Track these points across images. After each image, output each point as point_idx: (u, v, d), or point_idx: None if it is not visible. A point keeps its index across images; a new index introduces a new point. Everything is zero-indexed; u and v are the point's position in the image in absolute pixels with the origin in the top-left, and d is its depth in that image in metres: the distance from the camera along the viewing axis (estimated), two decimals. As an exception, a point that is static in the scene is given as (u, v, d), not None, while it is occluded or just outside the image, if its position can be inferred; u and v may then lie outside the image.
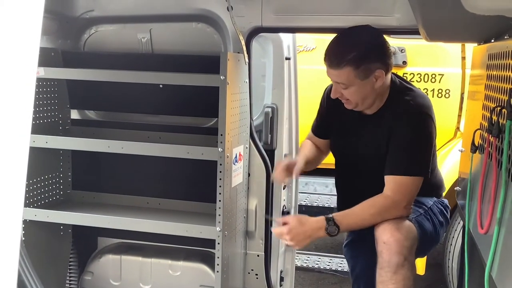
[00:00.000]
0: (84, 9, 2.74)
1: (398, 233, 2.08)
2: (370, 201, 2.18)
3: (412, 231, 2.14)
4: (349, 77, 2.14)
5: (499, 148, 1.42)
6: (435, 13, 1.65)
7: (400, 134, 2.19)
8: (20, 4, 0.74)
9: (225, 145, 2.29)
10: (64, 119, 2.82)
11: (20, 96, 0.72)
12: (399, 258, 2.06)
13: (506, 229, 1.26)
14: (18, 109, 0.72)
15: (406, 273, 2.08)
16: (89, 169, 2.89)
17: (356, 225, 2.22)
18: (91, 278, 2.89)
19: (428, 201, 2.38)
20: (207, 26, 2.66)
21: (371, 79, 2.16)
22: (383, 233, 2.10)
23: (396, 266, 2.06)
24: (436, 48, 4.00)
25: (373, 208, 2.16)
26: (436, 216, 2.37)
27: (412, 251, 2.12)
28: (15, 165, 0.72)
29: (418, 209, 2.30)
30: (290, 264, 3.10)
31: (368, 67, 2.14)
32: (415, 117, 2.19)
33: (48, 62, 2.62)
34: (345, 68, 2.12)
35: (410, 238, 2.10)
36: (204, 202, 2.70)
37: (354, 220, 2.19)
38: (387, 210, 2.14)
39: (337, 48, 2.17)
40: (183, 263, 2.78)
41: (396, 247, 2.06)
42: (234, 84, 2.38)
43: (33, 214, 2.55)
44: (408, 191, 2.18)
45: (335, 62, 2.14)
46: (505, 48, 1.52)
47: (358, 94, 2.20)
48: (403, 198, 2.17)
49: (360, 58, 2.12)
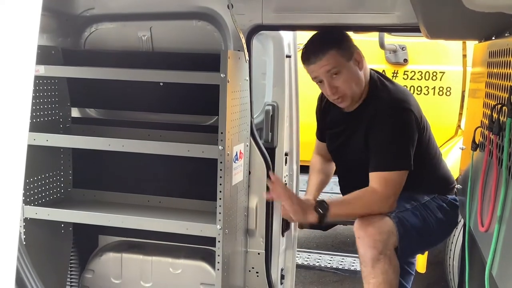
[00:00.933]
0: (85, 7, 2.74)
1: (371, 228, 2.12)
2: (359, 193, 2.22)
3: (386, 225, 2.15)
4: (337, 58, 2.21)
5: (499, 146, 1.41)
6: (435, 11, 1.65)
7: (378, 130, 2.22)
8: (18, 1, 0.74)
9: (225, 143, 2.28)
10: (65, 117, 2.82)
11: (18, 94, 0.72)
12: (372, 252, 2.11)
13: (506, 227, 1.26)
14: (15, 107, 0.72)
15: (383, 266, 2.11)
16: (90, 167, 2.89)
17: (344, 214, 2.30)
18: (92, 276, 2.89)
19: (424, 197, 2.37)
20: (207, 24, 2.66)
21: (353, 63, 2.23)
22: (357, 229, 2.16)
23: (371, 260, 2.11)
24: (437, 46, 3.99)
25: (361, 200, 2.21)
26: (432, 212, 2.34)
27: (388, 245, 2.13)
28: (12, 163, 0.72)
29: (405, 205, 2.29)
30: (291, 262, 3.10)
31: (348, 46, 2.24)
32: (392, 112, 2.22)
33: (49, 60, 2.61)
34: (330, 51, 2.20)
35: (383, 233, 2.13)
36: (204, 200, 2.70)
37: (342, 208, 2.25)
38: (375, 203, 2.18)
39: (314, 43, 2.28)
40: (184, 261, 2.78)
41: (368, 241, 2.11)
42: (235, 82, 2.37)
43: (34, 212, 2.55)
44: (394, 185, 2.20)
45: (318, 52, 2.22)
46: (505, 45, 1.51)
47: (351, 78, 2.25)
48: (390, 192, 2.20)
49: (338, 39, 2.24)
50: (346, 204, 2.27)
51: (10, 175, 0.72)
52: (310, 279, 4.14)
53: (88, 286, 2.90)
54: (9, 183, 0.72)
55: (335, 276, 4.09)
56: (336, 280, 4.09)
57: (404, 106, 2.23)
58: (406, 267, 2.59)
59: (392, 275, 2.13)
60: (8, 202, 0.72)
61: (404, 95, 2.30)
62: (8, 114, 0.72)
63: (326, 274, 4.08)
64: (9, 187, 0.72)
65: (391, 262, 2.13)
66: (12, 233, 0.73)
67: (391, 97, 2.26)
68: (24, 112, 0.75)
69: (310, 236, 4.87)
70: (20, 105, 0.74)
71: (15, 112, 0.73)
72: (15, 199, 0.73)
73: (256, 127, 2.76)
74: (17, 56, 0.73)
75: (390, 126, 2.21)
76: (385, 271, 2.11)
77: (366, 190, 2.21)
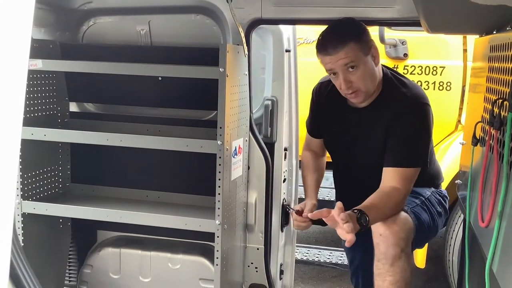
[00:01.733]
0: (83, 1, 2.72)
1: (394, 225, 2.08)
2: (385, 195, 2.14)
3: (408, 222, 2.13)
4: (355, 52, 2.13)
5: (500, 141, 1.40)
6: (436, 4, 1.63)
7: (402, 126, 2.19)
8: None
9: (224, 138, 2.27)
10: (63, 111, 2.81)
11: (11, 88, 0.71)
12: (395, 250, 2.06)
13: (507, 222, 1.25)
14: (8, 101, 0.71)
15: (403, 264, 2.08)
16: (88, 162, 2.88)
17: (379, 218, 2.11)
18: (90, 271, 2.89)
19: (425, 191, 2.38)
20: (206, 18, 2.64)
21: (371, 58, 2.19)
22: (380, 226, 2.09)
23: (393, 258, 2.06)
24: (437, 41, 3.97)
25: (390, 201, 2.13)
26: (434, 206, 2.37)
27: (409, 242, 2.11)
28: (6, 158, 0.70)
29: (415, 200, 2.29)
30: (290, 257, 3.10)
31: (367, 40, 2.19)
32: (416, 109, 2.21)
33: (47, 54, 2.60)
34: (349, 44, 2.12)
35: (406, 230, 2.10)
36: (203, 195, 2.69)
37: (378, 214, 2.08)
38: (401, 202, 2.17)
39: (333, 33, 2.18)
40: (183, 256, 2.77)
41: (392, 239, 2.06)
42: (234, 77, 2.36)
43: (32, 207, 2.54)
44: (411, 181, 2.20)
45: (337, 43, 2.12)
46: (507, 39, 1.50)
47: (367, 74, 2.18)
48: (409, 189, 2.20)
49: (359, 32, 2.18)
50: (380, 209, 2.11)
51: (3, 169, 0.71)
52: (309, 274, 4.14)
53: (87, 281, 2.89)
54: (2, 177, 0.71)
55: (334, 271, 4.09)
56: (336, 275, 4.09)
57: (424, 101, 2.23)
58: None
59: (409, 273, 2.11)
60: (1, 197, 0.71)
61: (420, 90, 2.30)
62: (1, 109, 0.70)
63: (326, 269, 4.07)
64: (2, 182, 0.71)
65: (410, 260, 2.12)
66: (5, 228, 0.72)
67: (412, 93, 2.24)
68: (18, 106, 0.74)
69: (309, 231, 4.87)
70: (13, 99, 0.72)
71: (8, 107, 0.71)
72: (8, 193, 0.72)
73: (256, 122, 2.74)
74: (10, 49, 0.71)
75: (414, 122, 2.20)
76: (404, 269, 2.08)
77: (390, 190, 2.14)
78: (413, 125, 2.20)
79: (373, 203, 2.10)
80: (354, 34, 2.15)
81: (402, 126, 2.19)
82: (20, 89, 0.74)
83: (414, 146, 2.21)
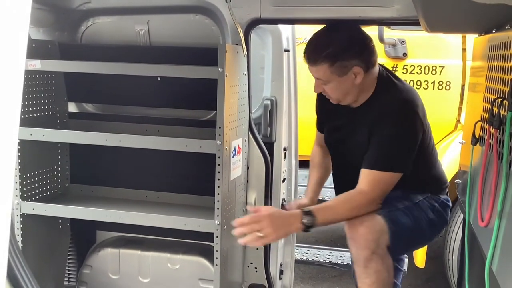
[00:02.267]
0: (81, 1, 2.72)
1: (362, 228, 2.09)
2: (347, 196, 2.18)
3: (378, 224, 2.12)
4: (326, 74, 2.15)
5: (500, 140, 1.40)
6: (435, 4, 1.63)
7: (382, 129, 2.17)
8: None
9: (223, 138, 2.27)
10: (62, 112, 2.80)
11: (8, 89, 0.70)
12: (365, 252, 2.07)
13: (506, 222, 1.25)
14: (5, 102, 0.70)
15: (376, 266, 2.08)
16: (87, 163, 2.88)
17: (333, 219, 2.19)
18: (90, 271, 2.88)
19: (417, 196, 2.31)
20: (205, 17, 2.64)
21: (349, 76, 2.15)
22: (349, 229, 2.12)
23: (364, 260, 2.08)
24: (436, 40, 3.97)
25: (349, 203, 2.16)
26: (424, 212, 2.29)
27: (380, 244, 2.10)
28: (3, 158, 0.70)
29: (397, 204, 2.24)
30: (290, 257, 3.09)
31: (344, 64, 2.13)
32: (398, 113, 2.16)
33: (45, 54, 2.59)
34: (320, 65, 2.13)
35: (375, 232, 2.09)
36: (202, 195, 2.69)
37: (330, 214, 2.16)
38: (363, 206, 2.14)
39: (314, 44, 2.18)
40: (182, 257, 2.77)
41: (360, 241, 2.08)
42: (233, 76, 2.35)
43: (31, 208, 2.54)
44: (384, 187, 2.17)
45: (311, 59, 2.16)
46: (506, 38, 1.50)
47: (338, 90, 2.21)
48: (378, 194, 2.17)
49: (334, 55, 2.12)
50: (333, 209, 2.18)
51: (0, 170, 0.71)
52: (309, 274, 4.14)
53: (86, 281, 2.89)
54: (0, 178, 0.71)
55: (334, 271, 4.08)
56: (335, 275, 4.09)
57: (411, 107, 2.18)
58: (395, 263, 2.57)
59: (385, 273, 2.11)
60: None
61: (412, 95, 2.24)
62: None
63: (325, 269, 4.07)
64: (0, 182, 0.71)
65: (383, 261, 2.10)
66: (2, 229, 0.72)
67: (399, 96, 2.21)
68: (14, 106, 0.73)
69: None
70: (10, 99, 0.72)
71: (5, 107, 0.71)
72: (4, 194, 0.71)
73: (255, 121, 2.74)
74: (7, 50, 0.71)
75: (395, 126, 2.16)
76: (378, 271, 2.09)
77: (353, 192, 2.17)
78: (392, 129, 2.15)
79: (328, 204, 2.20)
80: (327, 57, 2.11)
81: (381, 129, 2.17)
82: (17, 89, 0.74)
83: (390, 150, 2.16)
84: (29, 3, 0.78)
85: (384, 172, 2.15)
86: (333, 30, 2.20)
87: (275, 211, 2.17)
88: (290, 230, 2.16)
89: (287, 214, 2.16)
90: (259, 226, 2.04)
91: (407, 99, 2.20)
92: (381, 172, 2.15)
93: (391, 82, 2.27)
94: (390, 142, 2.16)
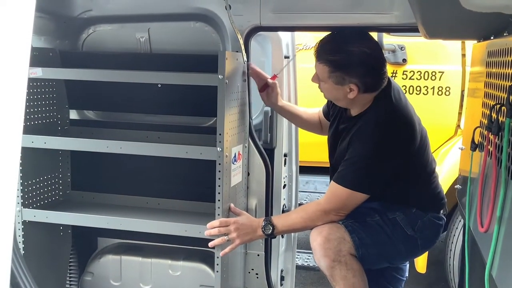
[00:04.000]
0: (82, 9, 2.73)
1: (319, 237, 2.14)
2: (304, 206, 2.32)
3: (334, 233, 2.14)
4: (324, 74, 2.19)
5: (498, 146, 1.41)
6: (434, 11, 1.64)
7: (355, 146, 2.18)
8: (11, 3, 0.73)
9: (223, 144, 2.28)
10: (63, 119, 2.81)
11: (11, 96, 0.71)
12: (325, 261, 2.12)
13: (506, 227, 1.25)
14: (8, 109, 0.71)
15: (341, 273, 2.11)
16: (88, 169, 2.88)
17: (290, 228, 2.32)
18: (91, 278, 2.88)
19: (395, 212, 2.24)
20: (205, 25, 2.65)
21: (344, 88, 2.16)
22: (311, 240, 2.19)
23: (327, 269, 2.14)
24: (436, 46, 3.99)
25: (304, 212, 2.26)
26: (402, 228, 2.23)
27: (341, 252, 2.11)
28: (6, 166, 0.71)
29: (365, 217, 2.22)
30: (291, 263, 3.09)
31: (343, 76, 2.14)
32: (371, 134, 2.14)
33: (46, 62, 2.60)
34: (322, 65, 2.17)
35: (331, 240, 2.12)
36: (203, 201, 2.69)
37: (288, 222, 2.29)
38: (317, 217, 2.21)
39: (327, 42, 2.20)
40: (183, 263, 2.77)
41: (320, 251, 2.13)
42: (233, 83, 2.37)
43: (32, 215, 2.54)
44: (342, 202, 2.19)
45: (318, 55, 2.20)
46: (504, 45, 1.51)
47: (329, 93, 2.26)
48: (333, 207, 2.20)
49: (338, 64, 2.14)
50: (290, 218, 2.31)
51: (4, 177, 0.72)
52: (310, 280, 4.13)
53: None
54: (3, 185, 0.72)
55: (335, 277, 4.07)
56: (336, 281, 4.08)
57: (389, 128, 2.12)
58: (394, 273, 2.57)
59: (353, 279, 2.12)
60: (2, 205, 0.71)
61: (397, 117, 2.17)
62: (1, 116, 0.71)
63: (326, 275, 4.06)
64: (3, 189, 0.71)
65: (348, 267, 2.11)
66: (6, 237, 0.72)
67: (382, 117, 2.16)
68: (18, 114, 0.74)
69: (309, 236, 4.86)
70: (14, 107, 0.73)
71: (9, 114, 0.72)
72: (9, 201, 0.72)
73: (255, 128, 2.75)
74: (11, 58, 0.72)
75: (363, 145, 2.14)
76: (344, 277, 2.11)
77: (311, 202, 2.29)
78: (360, 147, 2.14)
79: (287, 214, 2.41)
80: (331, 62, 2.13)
81: (354, 146, 2.17)
82: (20, 97, 0.75)
83: (355, 169, 2.15)
84: (32, 12, 0.79)
85: (344, 188, 2.16)
86: (353, 40, 2.15)
87: (243, 218, 2.34)
88: (254, 237, 2.34)
89: (252, 221, 2.32)
90: (226, 230, 2.28)
91: (387, 119, 2.15)
92: (340, 187, 2.17)
93: (385, 102, 2.20)
94: (357, 161, 2.15)
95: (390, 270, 2.56)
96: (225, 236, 2.29)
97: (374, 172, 2.15)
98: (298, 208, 2.32)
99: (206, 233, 2.31)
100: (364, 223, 2.20)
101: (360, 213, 2.22)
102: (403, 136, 2.15)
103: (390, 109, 2.18)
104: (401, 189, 2.25)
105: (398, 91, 2.27)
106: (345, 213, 2.21)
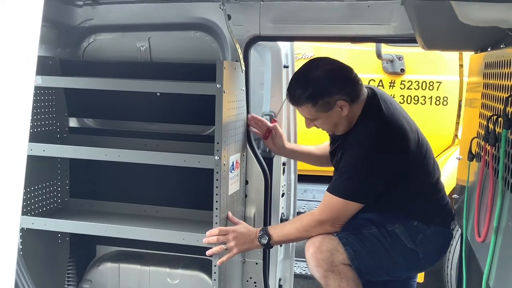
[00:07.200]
0: (83, 18, 2.75)
1: (312, 248, 2.17)
2: (299, 217, 2.34)
3: (326, 244, 2.16)
4: (311, 113, 2.22)
5: (495, 157, 1.42)
6: (431, 23, 1.66)
7: (347, 155, 2.20)
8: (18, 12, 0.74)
9: (221, 153, 2.29)
10: (62, 127, 2.82)
11: (18, 104, 0.73)
12: (318, 271, 2.15)
13: (503, 237, 1.26)
14: (16, 117, 0.73)
15: (334, 282, 2.14)
16: (87, 177, 2.89)
17: (285, 238, 2.34)
18: (89, 286, 2.88)
19: (394, 224, 2.23)
20: (205, 34, 2.67)
21: (335, 110, 2.19)
22: (305, 251, 2.21)
23: (320, 278, 2.17)
24: (434, 56, 4.02)
25: (299, 223, 2.28)
26: (401, 240, 2.22)
27: (334, 262, 2.13)
28: (12, 173, 0.72)
29: (361, 228, 2.22)
30: (289, 271, 3.10)
31: (327, 101, 2.17)
32: (359, 145, 2.17)
33: (46, 70, 2.62)
34: (304, 106, 2.20)
35: (324, 251, 2.14)
36: (201, 209, 2.69)
37: (283, 232, 2.31)
38: (311, 228, 2.22)
39: (294, 87, 2.23)
40: (182, 271, 2.77)
41: (313, 261, 2.16)
42: (231, 92, 2.38)
43: (31, 222, 2.54)
44: (335, 212, 2.20)
45: (294, 101, 2.24)
46: (501, 57, 1.52)
47: (327, 124, 2.27)
48: (328, 217, 2.21)
49: (315, 95, 2.17)
50: (285, 228, 2.33)
51: (9, 185, 0.72)
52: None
53: (85, 296, 2.88)
54: (9, 193, 0.72)
55: (333, 286, 4.07)
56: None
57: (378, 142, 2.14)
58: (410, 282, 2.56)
59: (348, 287, 2.14)
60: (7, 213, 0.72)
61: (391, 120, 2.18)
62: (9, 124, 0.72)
63: (324, 284, 4.06)
64: (9, 198, 0.72)
65: (342, 276, 2.13)
66: (11, 243, 0.73)
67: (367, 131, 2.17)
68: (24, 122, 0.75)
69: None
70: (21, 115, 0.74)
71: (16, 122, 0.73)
72: (14, 209, 0.73)
73: (254, 137, 2.76)
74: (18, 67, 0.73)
75: (353, 156, 2.16)
76: (337, 286, 2.13)
77: (306, 214, 2.29)
78: (352, 157, 2.17)
79: (283, 224, 2.43)
80: (308, 98, 2.16)
81: (345, 155, 2.21)
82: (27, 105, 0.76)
83: (345, 177, 2.17)
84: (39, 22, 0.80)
85: (336, 197, 2.17)
86: (312, 69, 2.23)
87: (242, 227, 2.36)
88: (252, 246, 2.36)
89: (250, 231, 2.34)
90: (224, 238, 2.30)
91: (375, 134, 2.16)
92: (333, 196, 2.18)
93: (371, 113, 2.21)
94: (348, 170, 2.17)
95: (395, 284, 2.50)
96: (223, 245, 2.30)
97: (367, 180, 2.17)
98: (293, 219, 2.34)
99: (204, 241, 2.32)
100: (360, 234, 2.20)
101: (357, 225, 2.22)
102: (394, 144, 2.16)
103: (379, 117, 2.20)
104: (400, 200, 2.23)
105: (386, 100, 2.28)
106: (340, 223, 2.21)
